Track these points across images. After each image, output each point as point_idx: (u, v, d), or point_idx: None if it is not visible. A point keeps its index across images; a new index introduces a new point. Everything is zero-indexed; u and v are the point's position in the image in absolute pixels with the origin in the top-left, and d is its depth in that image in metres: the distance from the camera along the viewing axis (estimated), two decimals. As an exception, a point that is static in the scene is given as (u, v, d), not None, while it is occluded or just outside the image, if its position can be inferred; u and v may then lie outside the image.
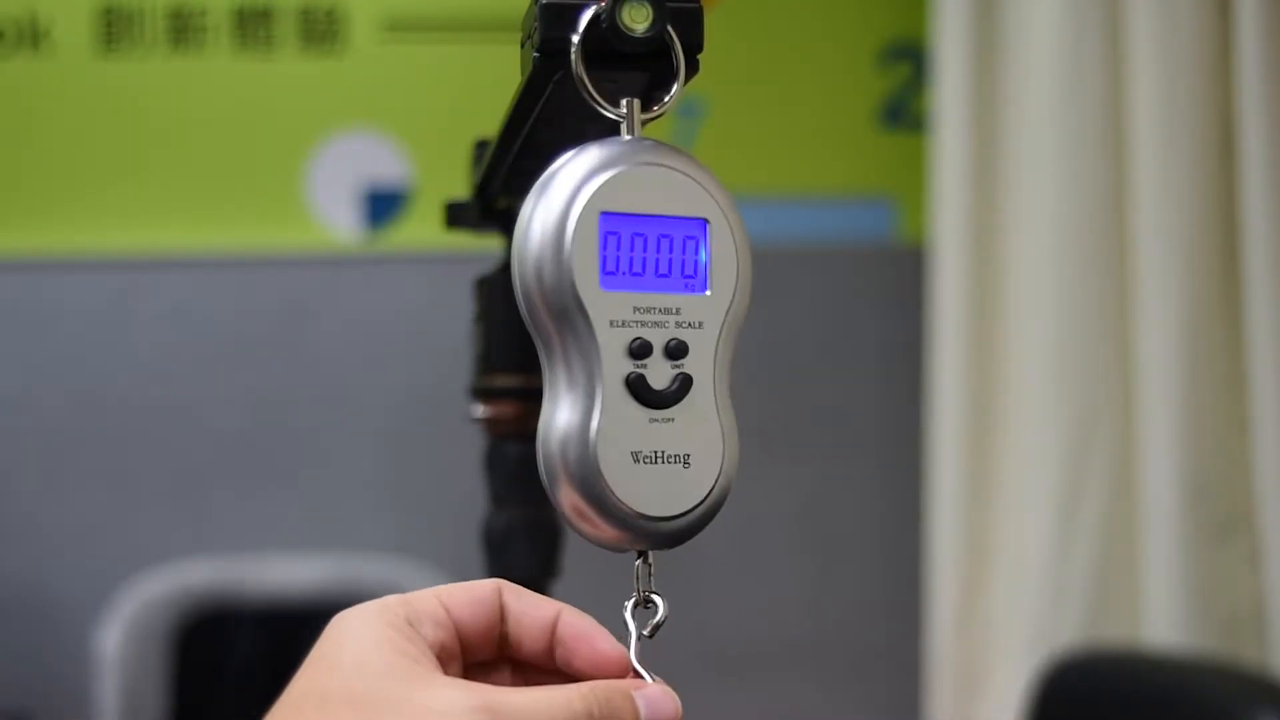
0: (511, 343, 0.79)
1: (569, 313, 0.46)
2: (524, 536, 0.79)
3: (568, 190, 0.47)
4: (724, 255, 0.49)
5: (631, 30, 0.47)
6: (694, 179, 0.48)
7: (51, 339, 1.86)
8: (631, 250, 0.47)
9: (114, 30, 1.83)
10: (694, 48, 0.49)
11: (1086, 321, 1.58)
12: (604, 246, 0.47)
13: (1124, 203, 1.56)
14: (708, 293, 0.49)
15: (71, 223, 1.85)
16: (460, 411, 0.85)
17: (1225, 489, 1.51)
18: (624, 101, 0.48)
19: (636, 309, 0.47)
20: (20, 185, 1.85)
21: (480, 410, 0.81)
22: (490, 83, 1.88)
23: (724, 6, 1.90)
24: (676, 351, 0.48)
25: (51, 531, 1.85)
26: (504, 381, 0.79)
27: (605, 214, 0.47)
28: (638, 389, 0.47)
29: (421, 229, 1.86)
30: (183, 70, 1.85)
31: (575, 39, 0.48)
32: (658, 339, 0.47)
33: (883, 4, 1.92)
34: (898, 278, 1.91)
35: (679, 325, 0.48)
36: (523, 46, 0.51)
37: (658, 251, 0.48)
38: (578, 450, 0.46)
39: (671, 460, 0.47)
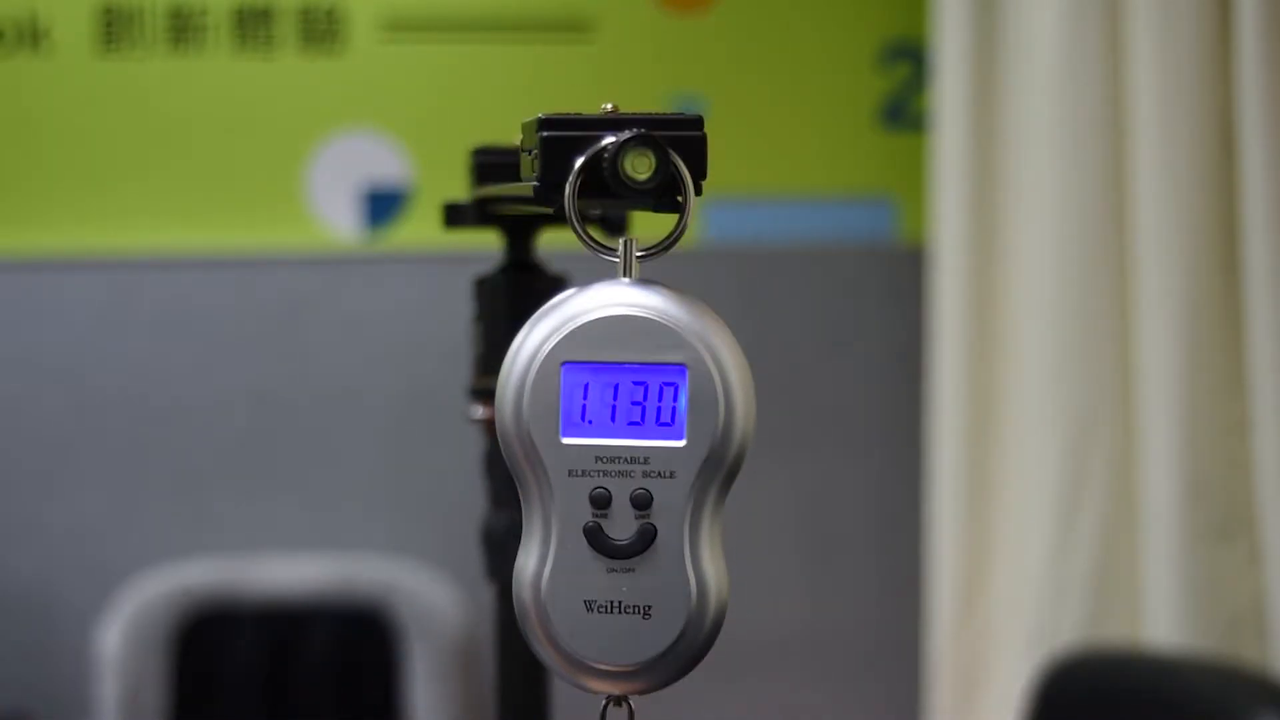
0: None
1: (531, 460, 0.47)
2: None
3: (538, 339, 0.47)
4: (705, 401, 0.47)
5: (634, 179, 0.46)
6: (674, 323, 0.47)
7: (51, 339, 1.86)
8: (601, 398, 0.47)
9: (114, 30, 1.83)
10: (699, 176, 0.48)
11: (1086, 321, 1.58)
12: (567, 397, 0.46)
13: (1123, 202, 1.56)
14: (683, 441, 0.47)
15: (71, 223, 1.85)
16: (460, 411, 0.85)
17: (1225, 489, 1.51)
18: (620, 242, 0.48)
19: (599, 458, 0.47)
20: (20, 185, 1.85)
21: (479, 411, 0.81)
22: (490, 83, 1.89)
23: (724, 6, 1.90)
24: (640, 501, 0.47)
25: (51, 531, 1.85)
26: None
27: (569, 364, 0.46)
28: (595, 538, 0.47)
29: (421, 229, 1.86)
30: (183, 70, 1.85)
31: (570, 181, 0.47)
32: (621, 489, 0.47)
33: (883, 4, 1.92)
34: (898, 278, 1.91)
35: (646, 475, 0.47)
36: (524, 154, 0.50)
37: (631, 399, 0.47)
38: (531, 594, 0.47)
39: (630, 610, 0.47)
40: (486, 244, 0.86)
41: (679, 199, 0.47)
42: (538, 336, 0.47)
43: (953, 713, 1.70)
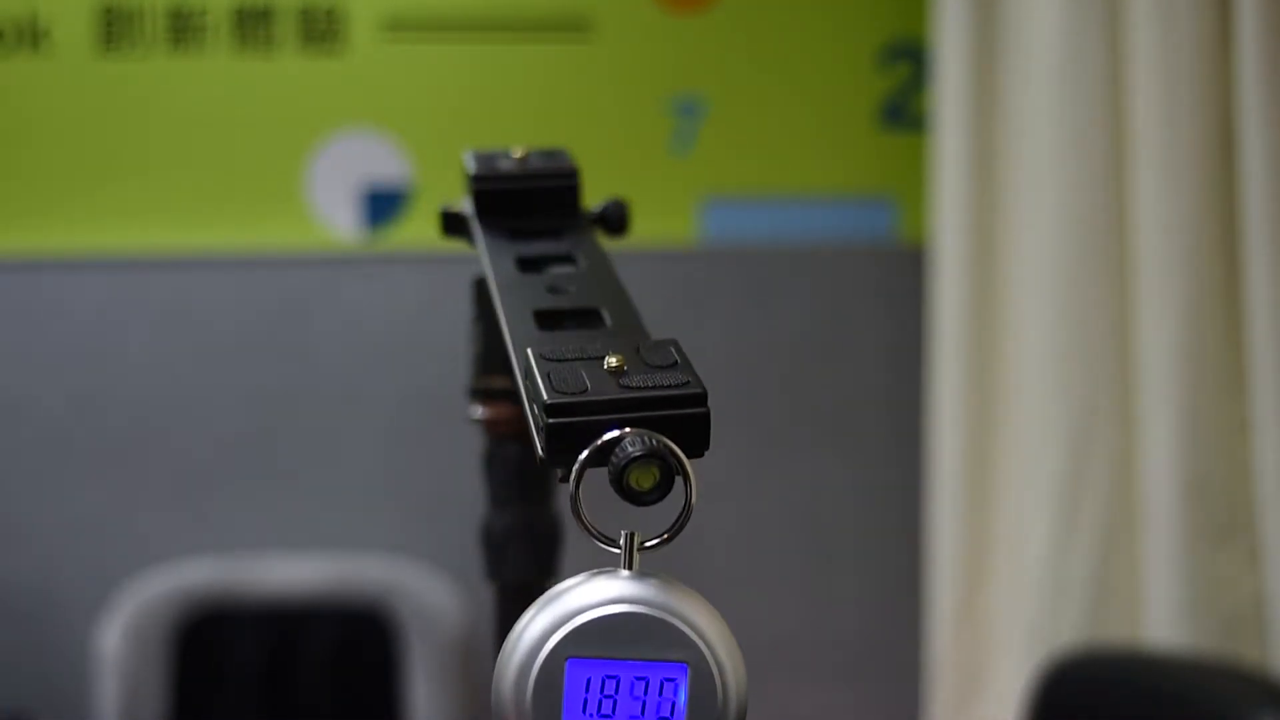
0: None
1: None
2: (523, 537, 0.79)
3: (540, 632, 0.46)
4: (704, 697, 0.47)
5: (638, 491, 0.46)
6: (677, 620, 0.47)
7: (51, 339, 1.86)
8: (603, 693, 0.47)
9: (114, 30, 1.84)
10: (701, 449, 0.47)
11: (1086, 321, 1.58)
12: (570, 693, 0.46)
13: (1124, 202, 1.56)
14: None
15: (71, 223, 1.85)
16: (460, 412, 0.85)
17: (1225, 489, 1.51)
18: (622, 534, 0.48)
19: None
20: (20, 185, 1.85)
21: (479, 411, 0.81)
22: (490, 83, 1.89)
23: (724, 6, 1.90)
24: None
25: (51, 531, 1.85)
26: (503, 383, 0.79)
27: (573, 660, 0.46)
28: None
29: (421, 229, 1.86)
30: (183, 70, 1.85)
31: (574, 480, 0.46)
32: None
33: (883, 4, 1.92)
34: (898, 278, 1.91)
35: None
36: (528, 409, 0.50)
37: (632, 694, 0.47)
38: None
39: None
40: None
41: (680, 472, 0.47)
42: (539, 630, 0.47)
43: (953, 713, 1.70)
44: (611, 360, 0.48)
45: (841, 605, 1.94)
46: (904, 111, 1.93)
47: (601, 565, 0.48)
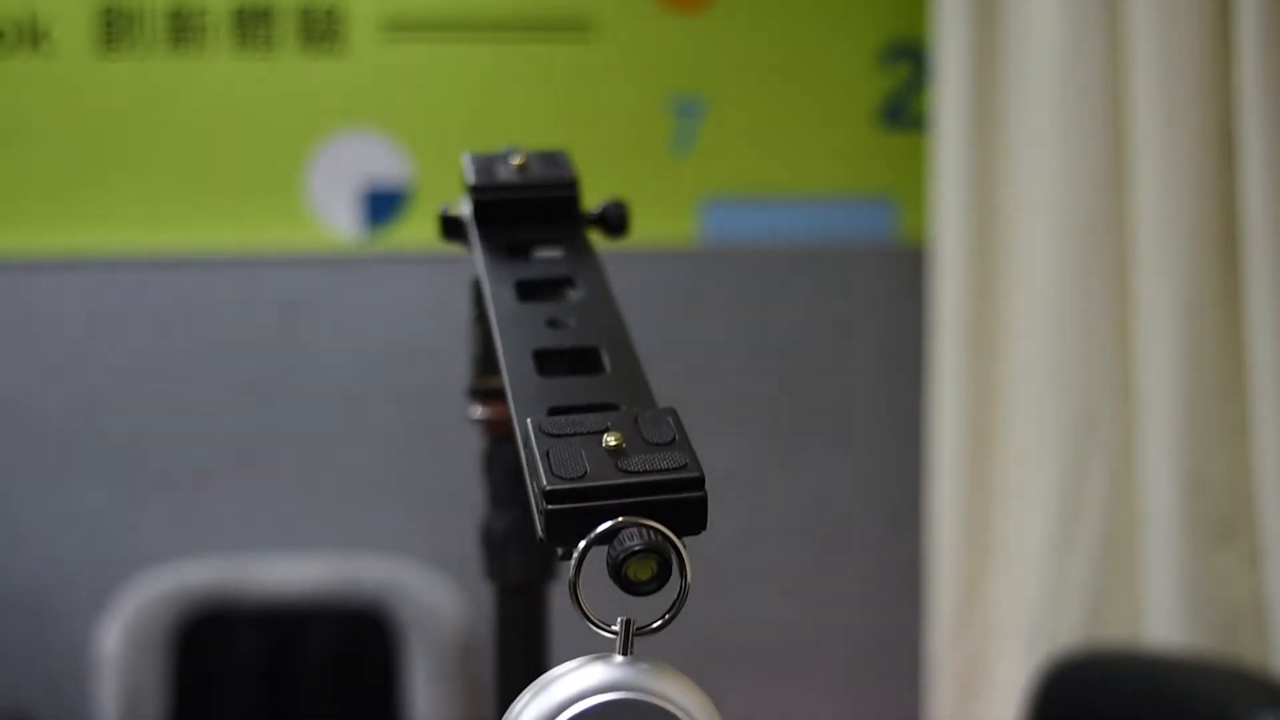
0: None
1: None
2: (523, 537, 0.79)
3: (532, 718, 0.47)
4: None
5: (635, 582, 0.46)
6: (673, 708, 0.47)
7: (51, 339, 1.86)
8: None
9: (114, 30, 1.84)
10: (698, 530, 0.48)
11: (1086, 321, 1.58)
12: None
13: (1124, 202, 1.56)
14: None
15: (71, 223, 1.85)
16: (460, 411, 0.85)
17: (1225, 489, 1.51)
18: (619, 620, 0.48)
19: None
20: (20, 185, 1.85)
21: (479, 411, 0.81)
22: (490, 83, 1.89)
23: (724, 6, 1.90)
24: None
25: (51, 531, 1.85)
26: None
27: None
28: None
29: (421, 229, 1.87)
30: (183, 70, 1.85)
31: (574, 569, 0.46)
32: None
33: (883, 4, 1.92)
34: (898, 278, 1.91)
35: None
36: (528, 482, 0.50)
37: None
38: None
39: None
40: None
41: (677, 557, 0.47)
42: (534, 717, 0.47)
43: (953, 713, 1.70)
44: (610, 440, 0.48)
45: (841, 605, 1.94)
46: (904, 111, 1.93)
47: (596, 649, 0.48)
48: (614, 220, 0.73)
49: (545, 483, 0.46)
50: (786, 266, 1.92)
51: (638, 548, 0.45)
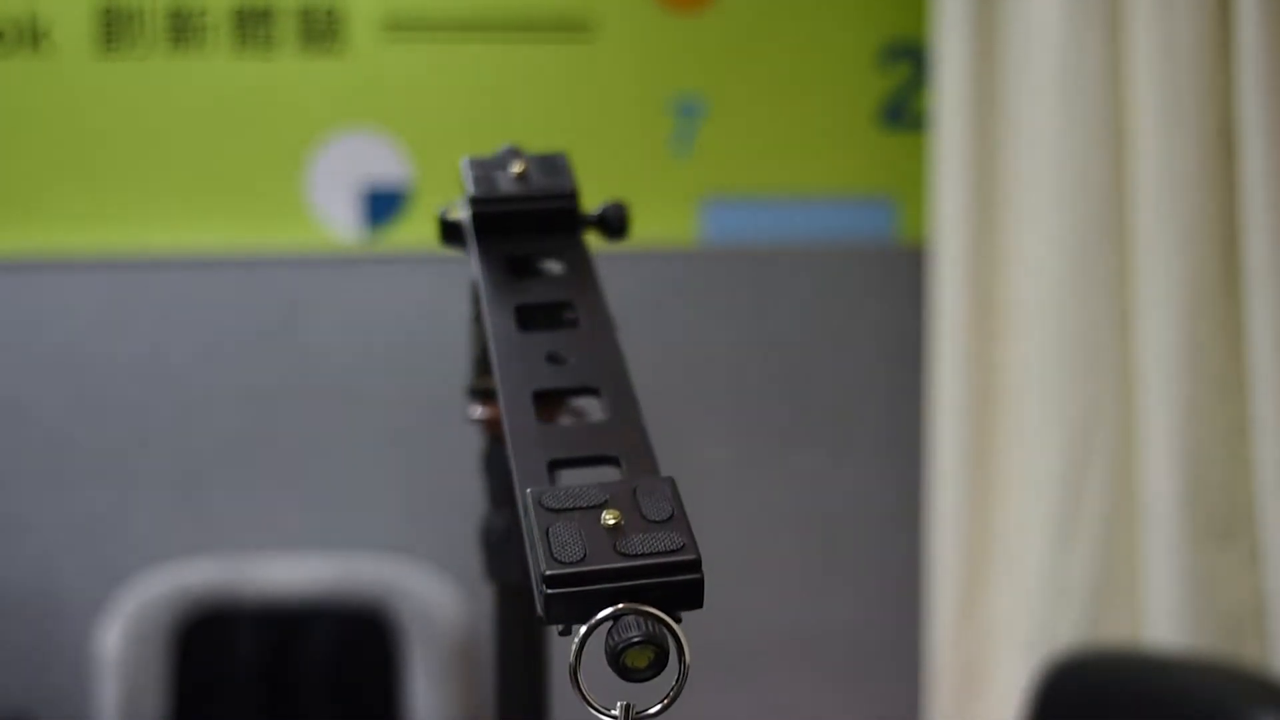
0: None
1: None
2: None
3: None
4: None
5: (633, 669, 0.47)
6: None
7: (51, 339, 1.86)
8: None
9: (114, 30, 1.84)
10: (694, 606, 0.48)
11: (1086, 321, 1.58)
12: None
13: (1124, 202, 1.56)
14: None
15: (71, 223, 1.85)
16: (460, 411, 0.85)
17: (1225, 489, 1.51)
18: (619, 705, 0.48)
19: None
20: (20, 185, 1.85)
21: (478, 411, 0.81)
22: (491, 83, 1.89)
23: (724, 6, 1.90)
24: None
25: (52, 531, 1.85)
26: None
27: None
28: None
29: (421, 229, 1.87)
30: (183, 70, 1.85)
31: (574, 656, 0.47)
32: None
33: (883, 4, 1.92)
34: (898, 278, 1.91)
35: None
36: (528, 552, 0.50)
37: None
38: None
39: None
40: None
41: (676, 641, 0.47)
42: None
43: (953, 713, 1.70)
44: (609, 518, 0.49)
45: (841, 605, 1.94)
46: (904, 111, 1.93)
47: None
48: (614, 222, 0.73)
49: (544, 568, 0.47)
50: (786, 266, 1.92)
51: (636, 639, 0.46)
